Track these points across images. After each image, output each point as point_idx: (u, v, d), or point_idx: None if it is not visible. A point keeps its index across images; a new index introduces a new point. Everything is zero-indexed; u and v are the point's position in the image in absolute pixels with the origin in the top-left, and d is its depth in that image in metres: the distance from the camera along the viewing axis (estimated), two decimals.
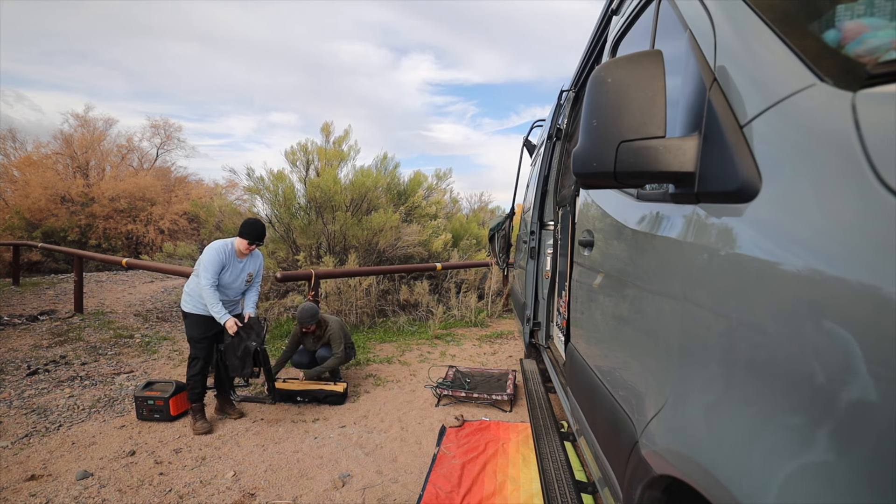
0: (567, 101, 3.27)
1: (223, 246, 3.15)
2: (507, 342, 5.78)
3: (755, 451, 0.68)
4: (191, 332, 3.21)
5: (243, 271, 3.29)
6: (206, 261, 3.07)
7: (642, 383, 1.14)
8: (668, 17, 1.23)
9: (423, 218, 8.51)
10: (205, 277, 3.06)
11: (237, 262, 3.22)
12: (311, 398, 3.59)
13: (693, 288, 0.91)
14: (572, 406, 1.98)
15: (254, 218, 3.22)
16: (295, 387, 3.65)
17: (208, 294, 3.04)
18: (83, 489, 2.42)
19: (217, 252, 3.10)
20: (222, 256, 3.11)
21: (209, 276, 3.06)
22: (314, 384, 3.71)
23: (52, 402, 3.53)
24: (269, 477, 2.58)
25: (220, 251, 3.11)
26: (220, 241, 3.19)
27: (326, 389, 3.61)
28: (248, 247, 3.19)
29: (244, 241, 3.16)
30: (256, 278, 3.42)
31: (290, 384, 3.71)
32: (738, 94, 0.83)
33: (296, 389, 3.60)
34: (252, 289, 3.41)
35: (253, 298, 3.41)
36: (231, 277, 3.20)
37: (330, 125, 8.26)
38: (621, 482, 1.20)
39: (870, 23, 0.68)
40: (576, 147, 1.01)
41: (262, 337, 3.23)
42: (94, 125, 16.61)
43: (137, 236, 14.25)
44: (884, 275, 0.51)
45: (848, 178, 0.59)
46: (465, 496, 2.37)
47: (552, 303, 3.45)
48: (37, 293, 8.23)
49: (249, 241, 3.17)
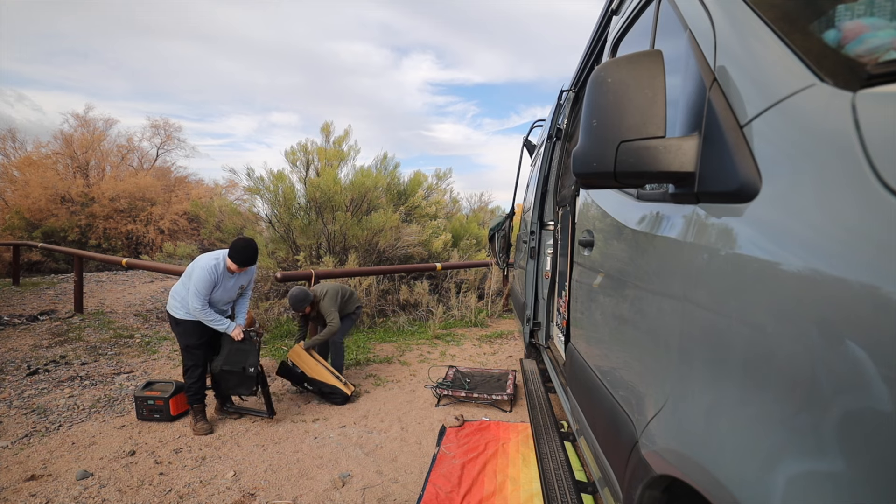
0: (567, 101, 3.27)
1: (214, 265, 2.99)
2: (507, 342, 5.78)
3: (755, 451, 0.68)
4: (186, 340, 3.11)
5: (236, 285, 3.20)
6: (196, 282, 2.93)
7: (642, 383, 1.14)
8: (668, 17, 1.23)
9: (423, 218, 8.51)
10: (195, 299, 2.93)
11: (228, 278, 3.11)
12: (318, 390, 3.59)
13: (693, 288, 0.91)
14: (572, 406, 1.98)
15: (246, 240, 3.03)
16: (308, 369, 3.60)
17: (201, 315, 2.98)
18: (83, 489, 2.42)
19: (208, 272, 2.95)
20: (213, 276, 2.98)
21: (200, 299, 2.94)
22: (327, 376, 3.61)
23: (52, 402, 3.53)
24: (269, 477, 2.58)
25: (211, 271, 2.96)
26: (210, 259, 3.01)
27: (335, 385, 3.59)
28: (238, 269, 3.07)
29: (234, 264, 3.02)
30: (248, 289, 3.39)
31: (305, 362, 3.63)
32: (738, 94, 0.83)
33: (307, 375, 3.58)
34: (243, 298, 3.38)
35: (244, 307, 3.39)
36: (222, 293, 3.11)
37: (330, 125, 8.27)
38: (621, 482, 1.20)
39: (870, 23, 0.68)
40: (576, 147, 1.01)
41: (257, 355, 3.21)
42: (94, 125, 16.65)
43: (137, 236, 14.25)
44: (884, 275, 0.51)
45: (848, 178, 0.59)
46: (465, 496, 2.37)
47: (552, 303, 3.45)
48: (37, 293, 8.23)
49: (239, 266, 3.03)
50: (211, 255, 3.08)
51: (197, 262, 3.04)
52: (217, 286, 3.05)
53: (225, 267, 3.05)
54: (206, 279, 2.96)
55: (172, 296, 3.16)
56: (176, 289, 3.17)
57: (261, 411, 3.27)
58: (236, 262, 3.02)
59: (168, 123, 20.03)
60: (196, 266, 3.01)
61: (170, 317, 3.16)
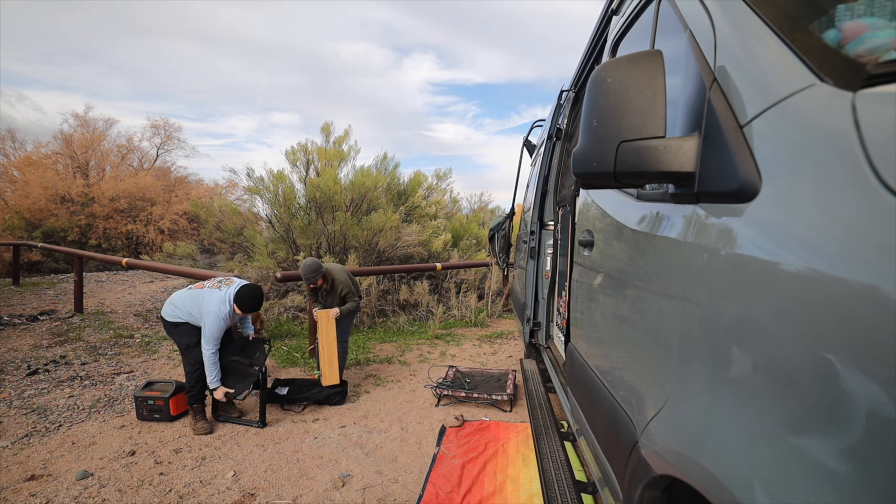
0: (567, 101, 3.27)
1: (226, 311, 3.10)
2: (507, 342, 5.78)
3: (755, 451, 0.68)
4: (187, 340, 3.16)
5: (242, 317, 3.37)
6: (208, 329, 3.04)
7: (642, 383, 1.14)
8: (668, 16, 1.23)
9: (423, 218, 8.51)
10: (209, 345, 3.06)
11: (234, 315, 3.22)
12: (313, 401, 3.58)
13: (693, 288, 0.91)
14: (572, 406, 1.98)
15: (253, 288, 3.19)
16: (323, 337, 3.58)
17: (209, 360, 3.07)
18: (83, 489, 2.42)
19: (220, 319, 3.07)
20: (223, 322, 3.10)
21: (213, 344, 3.07)
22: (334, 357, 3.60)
23: (52, 402, 3.53)
24: (269, 477, 2.58)
25: (223, 318, 3.09)
26: (218, 305, 3.08)
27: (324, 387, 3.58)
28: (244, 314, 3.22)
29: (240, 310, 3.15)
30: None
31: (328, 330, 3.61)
32: (738, 94, 0.83)
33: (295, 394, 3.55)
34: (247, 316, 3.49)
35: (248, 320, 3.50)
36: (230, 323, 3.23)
37: (330, 125, 8.27)
38: (621, 482, 1.20)
39: (870, 23, 0.68)
40: (576, 147, 1.01)
41: (263, 360, 3.24)
42: (94, 125, 16.64)
43: (137, 236, 14.25)
44: (884, 275, 0.51)
45: (848, 178, 0.59)
46: (465, 496, 2.37)
47: (552, 303, 3.45)
48: (37, 293, 8.23)
49: (245, 312, 3.17)
50: (216, 298, 3.12)
51: (204, 305, 3.10)
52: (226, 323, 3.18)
53: (233, 310, 3.17)
54: (219, 326, 3.09)
55: (173, 304, 3.19)
56: (181, 299, 3.19)
57: (252, 422, 3.24)
58: (242, 310, 3.16)
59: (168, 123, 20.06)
60: (204, 311, 3.08)
61: (166, 322, 3.19)
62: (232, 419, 3.30)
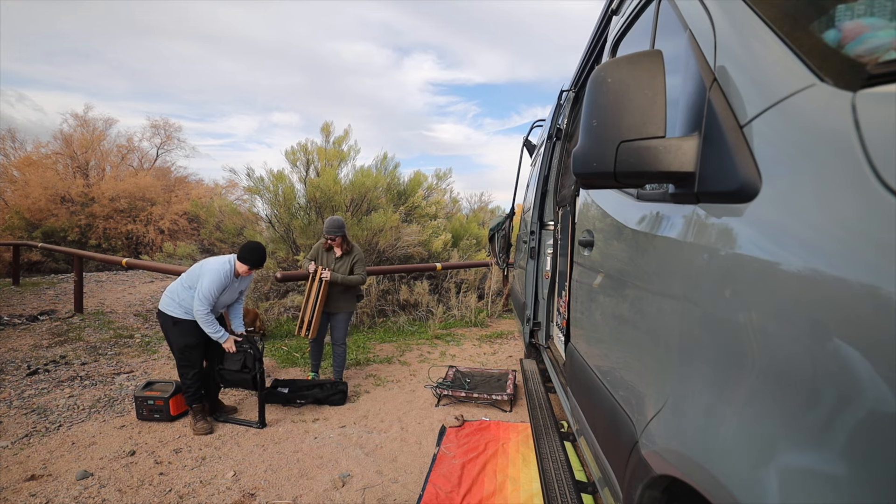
0: (567, 101, 3.27)
1: (225, 268, 3.04)
2: (507, 342, 5.78)
3: (756, 452, 0.68)
4: (185, 340, 3.07)
5: (237, 289, 3.27)
6: (206, 285, 2.95)
7: (642, 383, 1.14)
8: (668, 16, 1.23)
9: (423, 218, 8.51)
10: (202, 303, 2.94)
11: (234, 282, 3.17)
12: (312, 399, 3.58)
13: (693, 288, 0.91)
14: (572, 406, 1.98)
15: (256, 243, 3.16)
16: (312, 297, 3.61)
17: (203, 318, 2.97)
18: (83, 489, 2.42)
19: (219, 275, 2.99)
20: (225, 280, 3.03)
21: (207, 303, 2.95)
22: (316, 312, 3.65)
23: (52, 402, 3.53)
24: (269, 477, 2.58)
25: (223, 274, 3.01)
26: (220, 263, 3.05)
27: (325, 387, 3.59)
28: (249, 271, 3.16)
29: (244, 266, 3.10)
30: (243, 294, 3.44)
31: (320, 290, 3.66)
32: (738, 94, 0.83)
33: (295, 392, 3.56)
34: (238, 302, 3.42)
35: (239, 311, 3.43)
36: (226, 296, 3.16)
37: (330, 125, 8.26)
38: (621, 482, 1.20)
39: (870, 23, 0.68)
40: (576, 147, 1.01)
41: (259, 355, 3.20)
42: (94, 125, 16.65)
43: (137, 236, 14.26)
44: (883, 275, 0.51)
45: (848, 178, 0.59)
46: (465, 496, 2.37)
47: (552, 303, 3.45)
48: (37, 293, 8.23)
49: (251, 267, 3.12)
50: (218, 259, 3.10)
51: (205, 265, 3.06)
52: (224, 290, 3.09)
53: (233, 270, 3.11)
54: (219, 282, 3.00)
55: (169, 296, 3.09)
56: (174, 289, 3.11)
57: (251, 422, 3.22)
58: (248, 264, 3.10)
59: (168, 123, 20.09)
60: (205, 269, 3.03)
61: (165, 317, 3.07)
62: (232, 419, 3.29)
